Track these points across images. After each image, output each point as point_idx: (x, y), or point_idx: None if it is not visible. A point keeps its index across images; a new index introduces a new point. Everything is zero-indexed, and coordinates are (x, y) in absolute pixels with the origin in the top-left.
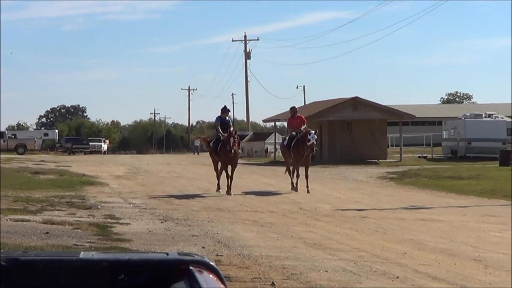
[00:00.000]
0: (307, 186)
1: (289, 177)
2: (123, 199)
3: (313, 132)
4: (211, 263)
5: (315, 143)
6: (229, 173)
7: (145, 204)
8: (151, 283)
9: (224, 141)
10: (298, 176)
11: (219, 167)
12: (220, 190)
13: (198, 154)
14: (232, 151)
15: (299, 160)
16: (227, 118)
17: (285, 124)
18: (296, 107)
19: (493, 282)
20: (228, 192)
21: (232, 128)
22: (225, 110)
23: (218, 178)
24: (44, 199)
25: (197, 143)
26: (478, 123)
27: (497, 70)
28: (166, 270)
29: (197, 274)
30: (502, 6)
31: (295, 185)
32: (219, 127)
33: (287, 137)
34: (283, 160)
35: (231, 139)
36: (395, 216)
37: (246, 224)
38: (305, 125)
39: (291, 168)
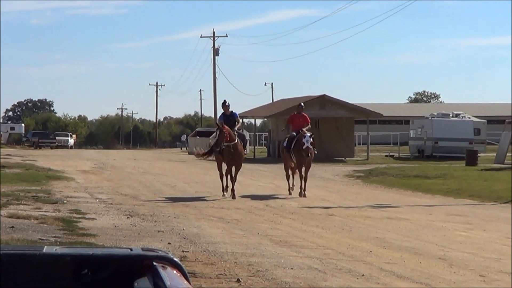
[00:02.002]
0: (304, 189)
1: (287, 182)
2: (89, 194)
3: (308, 134)
4: (175, 259)
5: (310, 147)
6: (233, 174)
7: (111, 199)
8: (115, 278)
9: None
10: (305, 179)
11: (223, 168)
12: (225, 194)
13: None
14: (222, 146)
15: (301, 162)
16: (232, 112)
17: (252, 121)
18: (303, 104)
19: (458, 281)
20: (232, 195)
21: (239, 124)
22: (225, 105)
23: (221, 179)
24: (9, 193)
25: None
26: (445, 123)
27: (465, 70)
28: (130, 265)
29: (160, 270)
30: (470, 6)
31: (302, 191)
32: (222, 125)
33: (287, 138)
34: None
35: (217, 131)
36: (361, 214)
37: (212, 220)
38: (309, 126)
39: (290, 172)
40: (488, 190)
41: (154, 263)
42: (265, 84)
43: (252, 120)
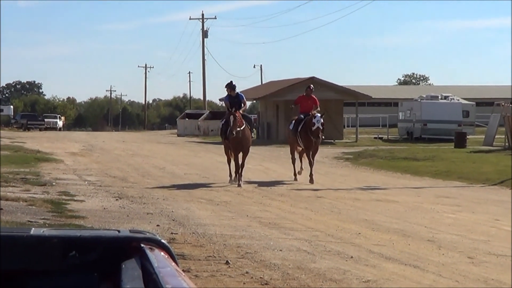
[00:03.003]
0: (311, 175)
1: (293, 166)
2: (78, 176)
3: (319, 115)
4: (163, 240)
5: (321, 127)
6: (240, 160)
7: (100, 181)
8: (102, 260)
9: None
10: (311, 164)
11: (230, 153)
12: (233, 181)
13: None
14: (233, 132)
15: (309, 146)
16: (238, 93)
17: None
18: (312, 86)
19: (447, 262)
20: (237, 182)
21: (246, 106)
22: (230, 86)
23: (229, 164)
24: None
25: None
26: (434, 105)
27: (454, 52)
28: (117, 247)
29: (148, 252)
30: None
31: (307, 174)
32: (229, 107)
33: (293, 121)
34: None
35: (231, 118)
36: (350, 197)
37: (201, 202)
38: (318, 108)
39: (296, 156)
40: (476, 172)
41: (142, 245)
42: (254, 66)
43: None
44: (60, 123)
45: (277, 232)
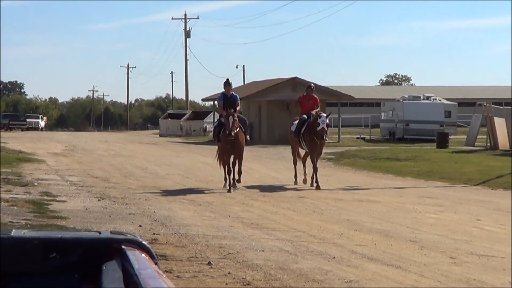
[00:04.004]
0: (316, 181)
1: (294, 168)
2: (60, 176)
3: (324, 115)
4: (144, 242)
5: (325, 128)
6: (236, 164)
7: (82, 181)
8: (83, 261)
9: (224, 124)
10: (316, 168)
11: (224, 157)
12: (231, 188)
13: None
14: (232, 134)
15: (314, 148)
16: (233, 94)
17: None
18: (313, 85)
19: (429, 263)
20: (233, 185)
21: (238, 107)
22: (227, 84)
23: (225, 169)
24: None
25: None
26: (416, 105)
27: (436, 53)
28: (98, 248)
29: (129, 253)
30: None
31: (310, 178)
32: (222, 108)
33: (295, 121)
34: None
35: (230, 118)
36: (332, 197)
37: (183, 203)
38: (319, 108)
39: (299, 158)
40: (458, 172)
41: (123, 247)
42: (237, 67)
43: None
44: (42, 123)
45: (259, 233)
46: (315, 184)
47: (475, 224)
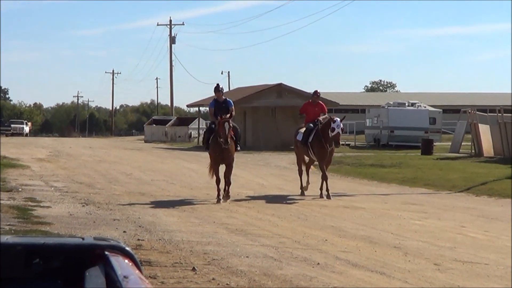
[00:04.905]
0: (327, 190)
1: (300, 179)
2: (44, 182)
3: (339, 119)
4: (127, 248)
5: (340, 133)
6: (225, 173)
7: (66, 187)
8: (66, 267)
9: (216, 131)
10: (325, 177)
11: (213, 166)
12: (221, 200)
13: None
14: (229, 141)
15: (323, 156)
16: (226, 99)
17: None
18: (319, 92)
19: (413, 269)
20: (223, 197)
21: (233, 114)
22: (218, 90)
23: (217, 178)
24: None
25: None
26: (401, 112)
27: (421, 60)
28: (81, 254)
29: (112, 259)
30: None
31: (324, 190)
32: (213, 115)
33: (301, 130)
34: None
35: (226, 125)
36: (317, 203)
37: (168, 209)
38: (326, 115)
39: (306, 168)
40: (443, 179)
41: (106, 253)
42: (222, 73)
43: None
44: (26, 129)
45: (243, 239)
46: (325, 193)
47: (459, 231)
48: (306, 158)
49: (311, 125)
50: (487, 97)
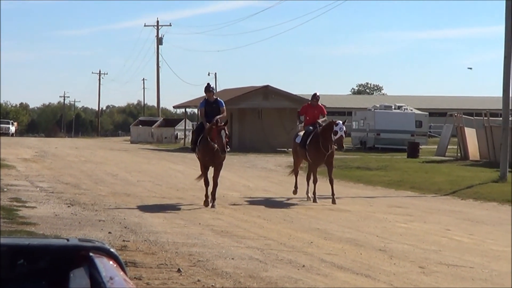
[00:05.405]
0: (333, 195)
1: (295, 180)
2: (30, 182)
3: (341, 122)
4: (112, 249)
5: (344, 136)
6: (213, 176)
7: (52, 188)
8: (51, 268)
9: (205, 132)
10: (315, 181)
11: (202, 168)
12: (210, 204)
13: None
14: (225, 151)
15: (318, 160)
16: (217, 99)
17: (195, 110)
18: (318, 94)
19: (398, 272)
20: (211, 202)
21: (224, 115)
22: (209, 90)
23: (204, 180)
24: None
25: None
26: (387, 115)
27: (408, 63)
28: (66, 256)
29: (97, 261)
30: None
31: (310, 194)
32: (204, 116)
33: (300, 133)
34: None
35: (222, 133)
36: (302, 205)
37: (154, 210)
38: (325, 118)
39: (302, 171)
40: (429, 182)
41: (91, 254)
42: (209, 74)
43: (195, 110)
44: (12, 129)
45: (229, 240)
46: (331, 197)
47: (445, 234)
48: (305, 161)
49: (311, 127)
50: (473, 101)
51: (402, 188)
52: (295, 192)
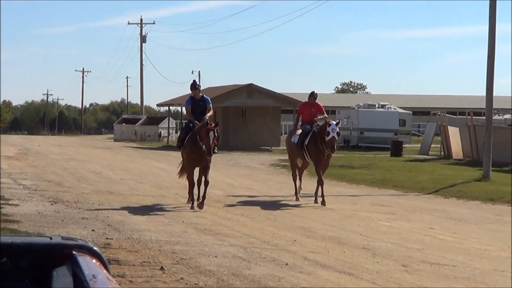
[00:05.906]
0: (322, 195)
1: (294, 184)
2: (13, 180)
3: (334, 123)
4: (94, 248)
5: (336, 137)
6: (200, 177)
7: (35, 185)
8: (34, 267)
9: (194, 132)
10: (322, 182)
11: (188, 168)
12: (195, 207)
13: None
14: (210, 154)
15: (320, 160)
16: (204, 96)
17: (179, 108)
18: (316, 92)
19: (381, 270)
20: (198, 204)
21: (211, 113)
22: (195, 87)
23: (189, 181)
24: None
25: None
26: (371, 114)
27: (391, 62)
28: (49, 254)
29: (79, 259)
30: None
31: (318, 196)
32: (191, 114)
33: (296, 132)
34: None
35: (211, 134)
36: (286, 204)
37: (137, 208)
38: (325, 115)
39: (299, 172)
40: (412, 181)
41: (74, 252)
42: (192, 72)
43: (179, 108)
44: None
45: (212, 239)
46: (320, 199)
47: (428, 233)
48: (302, 162)
49: (308, 127)
50: (457, 100)
51: (385, 186)
52: (297, 198)
